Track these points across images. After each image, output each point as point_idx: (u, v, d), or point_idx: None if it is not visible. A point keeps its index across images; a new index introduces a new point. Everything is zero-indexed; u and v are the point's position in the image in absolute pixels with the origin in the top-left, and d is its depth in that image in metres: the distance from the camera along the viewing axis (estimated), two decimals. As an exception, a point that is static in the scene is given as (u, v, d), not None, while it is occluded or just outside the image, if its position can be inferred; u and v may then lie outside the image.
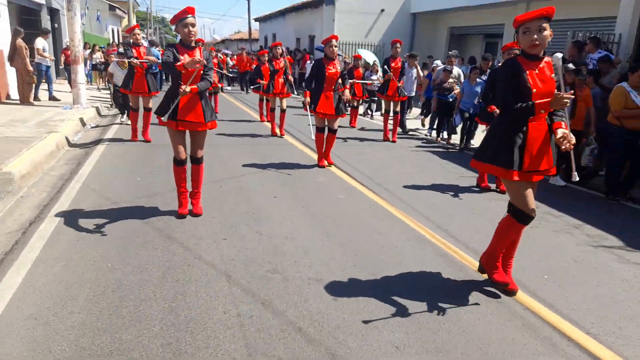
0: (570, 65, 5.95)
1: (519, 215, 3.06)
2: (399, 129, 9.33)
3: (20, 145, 6.39)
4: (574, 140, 2.78)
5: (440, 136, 9.27)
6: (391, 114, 8.77)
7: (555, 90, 2.86)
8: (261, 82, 9.08)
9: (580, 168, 6.02)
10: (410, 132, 10.30)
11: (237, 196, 5.07)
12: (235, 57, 20.44)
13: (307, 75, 6.35)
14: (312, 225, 4.32)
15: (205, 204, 4.59)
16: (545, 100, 2.81)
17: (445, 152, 8.34)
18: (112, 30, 28.87)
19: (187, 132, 4.32)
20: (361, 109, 12.90)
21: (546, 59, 2.93)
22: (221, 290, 3.05)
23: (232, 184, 5.47)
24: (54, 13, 16.03)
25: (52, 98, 11.27)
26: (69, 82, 12.84)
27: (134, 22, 27.46)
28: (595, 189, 6.17)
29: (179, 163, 4.31)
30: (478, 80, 7.66)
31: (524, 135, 2.91)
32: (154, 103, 6.80)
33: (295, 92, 15.70)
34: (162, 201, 4.75)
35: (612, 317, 2.94)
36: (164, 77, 16.64)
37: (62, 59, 14.23)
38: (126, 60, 7.40)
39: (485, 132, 3.96)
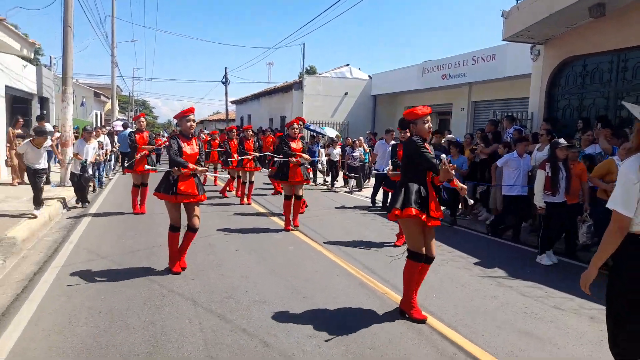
0: (562, 141, 6.02)
1: (412, 255, 4.00)
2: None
3: (18, 217, 7.43)
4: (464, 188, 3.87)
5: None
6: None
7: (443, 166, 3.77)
8: (234, 161, 10.48)
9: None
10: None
11: (207, 249, 6.16)
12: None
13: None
14: (264, 267, 5.44)
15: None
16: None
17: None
18: (96, 114, 30.59)
19: (182, 204, 5.21)
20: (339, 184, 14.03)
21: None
22: (188, 310, 4.10)
23: (203, 241, 6.57)
24: (43, 101, 17.54)
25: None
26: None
27: (117, 106, 29.33)
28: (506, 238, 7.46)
29: (175, 229, 5.25)
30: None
31: (424, 189, 3.91)
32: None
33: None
34: (143, 256, 5.82)
35: (475, 319, 4.08)
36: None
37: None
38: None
39: None
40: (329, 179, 14.95)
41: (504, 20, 9.99)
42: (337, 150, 14.23)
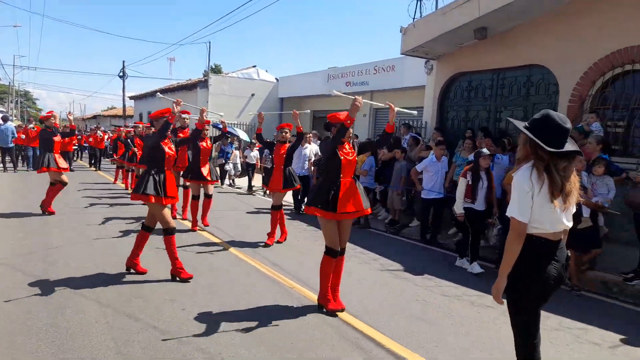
0: (485, 150, 6.22)
1: (328, 251, 4.27)
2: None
3: None
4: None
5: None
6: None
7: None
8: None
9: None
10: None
11: (109, 249, 5.96)
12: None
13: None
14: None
15: (84, 256, 5.43)
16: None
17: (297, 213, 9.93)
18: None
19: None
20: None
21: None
22: (93, 310, 4.02)
23: (104, 242, 6.32)
24: None
25: None
26: None
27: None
28: (408, 237, 8.13)
29: (173, 232, 5.04)
30: None
31: (337, 187, 4.21)
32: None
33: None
34: (40, 257, 5.51)
35: (374, 308, 4.49)
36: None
37: None
38: None
39: None
40: (239, 181, 14.88)
41: (402, 36, 10.81)
42: (255, 153, 14.15)
